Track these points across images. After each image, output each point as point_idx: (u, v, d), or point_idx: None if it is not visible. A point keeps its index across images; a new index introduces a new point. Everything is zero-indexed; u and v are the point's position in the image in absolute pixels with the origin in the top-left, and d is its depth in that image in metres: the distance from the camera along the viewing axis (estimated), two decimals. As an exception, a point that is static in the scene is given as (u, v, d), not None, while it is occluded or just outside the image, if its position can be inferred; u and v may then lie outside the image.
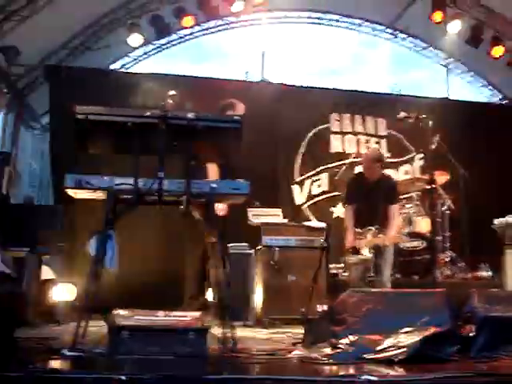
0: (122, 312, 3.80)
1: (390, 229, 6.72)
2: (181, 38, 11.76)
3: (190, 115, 3.99)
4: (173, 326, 3.73)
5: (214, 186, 4.04)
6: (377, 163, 6.95)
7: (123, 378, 2.72)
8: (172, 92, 4.18)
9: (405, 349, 3.53)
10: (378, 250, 6.57)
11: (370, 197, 6.77)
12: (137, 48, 11.00)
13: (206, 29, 11.79)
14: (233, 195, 4.18)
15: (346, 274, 7.03)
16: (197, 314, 3.90)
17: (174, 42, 11.79)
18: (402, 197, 8.14)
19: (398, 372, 3.26)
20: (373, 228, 6.65)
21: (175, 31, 11.28)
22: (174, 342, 3.64)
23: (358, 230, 6.76)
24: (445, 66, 12.76)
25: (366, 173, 6.99)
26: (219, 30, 12.01)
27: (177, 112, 4.02)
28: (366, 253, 6.56)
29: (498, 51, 11.08)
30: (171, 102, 4.13)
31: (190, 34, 11.72)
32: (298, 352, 3.96)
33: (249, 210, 7.38)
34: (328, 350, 3.78)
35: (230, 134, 4.15)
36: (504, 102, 12.94)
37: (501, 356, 3.72)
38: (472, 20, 11.09)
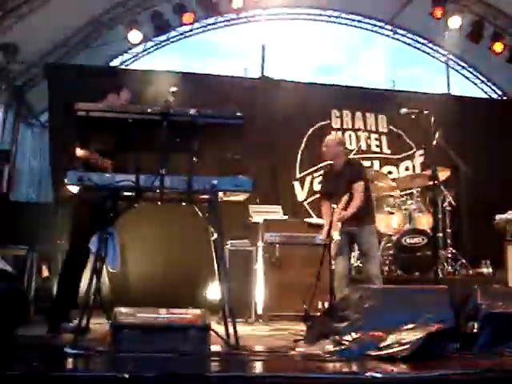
0: (123, 310, 3.78)
1: (350, 207, 6.22)
2: (180, 34, 11.71)
3: (192, 111, 3.98)
4: (174, 324, 3.71)
5: (216, 182, 4.03)
6: (341, 147, 6.65)
7: (126, 376, 2.71)
8: (173, 88, 4.15)
9: (408, 345, 3.52)
10: (351, 238, 6.35)
11: (338, 183, 6.42)
12: (136, 45, 10.96)
13: (206, 25, 11.74)
14: (235, 192, 4.17)
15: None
16: (199, 311, 3.89)
17: (173, 39, 11.75)
18: (402, 193, 8.14)
19: (401, 369, 3.26)
20: (337, 209, 6.17)
21: (175, 28, 11.25)
22: (175, 340, 3.63)
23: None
24: (445, 62, 12.71)
25: (332, 159, 6.62)
26: (219, 27, 11.97)
27: (178, 108, 4.00)
28: (336, 236, 6.05)
29: (498, 47, 11.06)
30: (172, 98, 4.10)
31: (190, 30, 11.68)
32: (300, 349, 3.95)
33: (250, 206, 7.38)
34: (331, 347, 3.77)
35: (232, 130, 4.14)
36: (504, 99, 12.91)
37: (504, 352, 3.72)
38: (472, 15, 11.06)
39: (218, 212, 4.08)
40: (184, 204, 4.15)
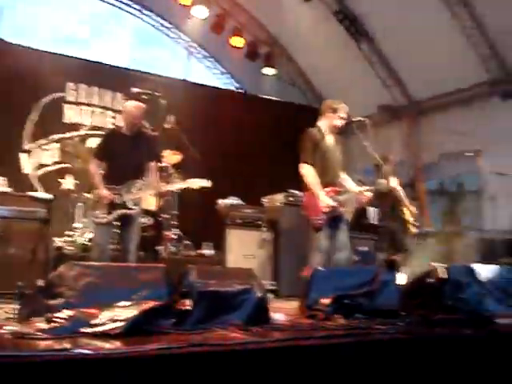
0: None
1: (158, 181, 6.45)
2: None
3: None
4: None
5: None
6: (142, 115, 6.36)
7: None
8: None
9: (122, 322, 3.55)
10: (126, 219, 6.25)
11: (133, 152, 6.16)
12: None
13: None
14: None
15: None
16: None
17: None
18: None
19: (114, 345, 3.27)
20: (141, 181, 6.15)
21: None
22: None
23: (114, 186, 6.10)
24: (186, 48, 13.03)
25: (130, 125, 6.27)
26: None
27: None
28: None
29: (237, 42, 11.70)
30: None
31: None
32: (10, 327, 3.78)
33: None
34: (43, 325, 3.66)
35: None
36: (238, 91, 13.63)
37: (215, 328, 3.93)
38: (218, 8, 11.53)
39: None
40: None
